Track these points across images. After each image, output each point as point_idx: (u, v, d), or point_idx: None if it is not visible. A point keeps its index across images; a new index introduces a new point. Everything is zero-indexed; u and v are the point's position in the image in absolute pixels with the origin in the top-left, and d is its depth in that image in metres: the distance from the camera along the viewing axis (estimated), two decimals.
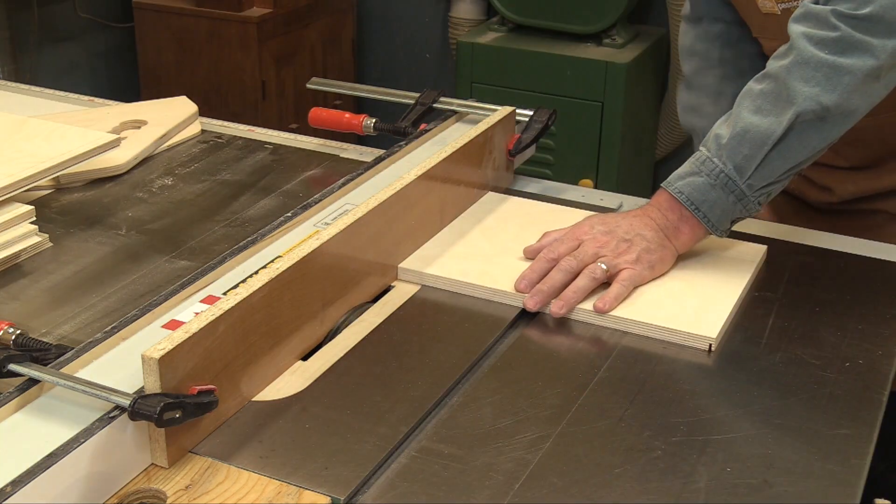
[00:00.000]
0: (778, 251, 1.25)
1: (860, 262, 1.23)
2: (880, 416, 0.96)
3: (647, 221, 1.17)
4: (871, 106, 1.13)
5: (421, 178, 1.19)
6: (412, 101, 1.53)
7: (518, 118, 1.43)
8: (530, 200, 1.36)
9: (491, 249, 1.22)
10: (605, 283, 1.13)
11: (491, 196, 1.36)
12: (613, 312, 1.10)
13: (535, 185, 1.44)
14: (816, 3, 1.12)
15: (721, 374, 1.03)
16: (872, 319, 1.11)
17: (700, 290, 1.14)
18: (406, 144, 1.39)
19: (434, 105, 1.51)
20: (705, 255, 1.20)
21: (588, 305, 1.11)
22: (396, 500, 0.85)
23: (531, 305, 1.11)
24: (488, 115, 1.40)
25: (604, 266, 1.13)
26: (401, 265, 1.17)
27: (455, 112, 1.50)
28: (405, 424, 0.93)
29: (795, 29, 1.13)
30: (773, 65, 1.14)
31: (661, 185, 1.18)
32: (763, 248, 1.22)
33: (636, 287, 1.13)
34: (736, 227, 1.19)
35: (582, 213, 1.26)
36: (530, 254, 1.18)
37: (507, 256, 1.20)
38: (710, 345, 1.05)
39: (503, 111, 1.40)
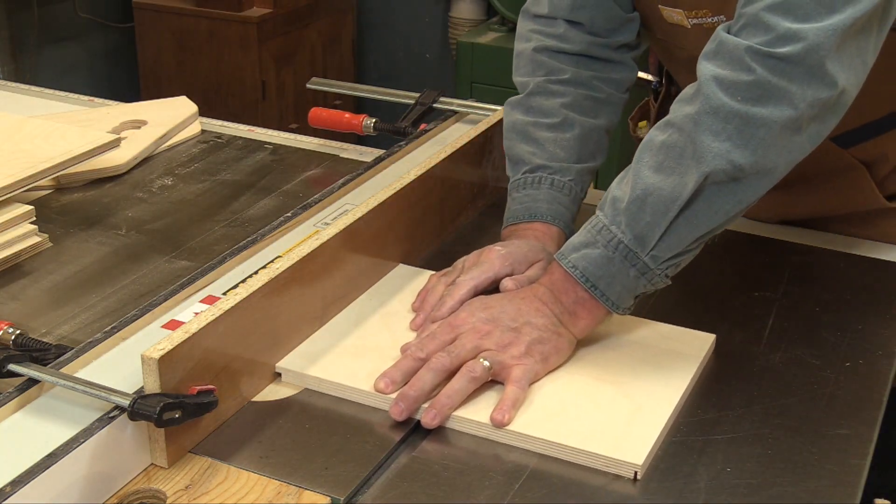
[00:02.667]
0: (778, 251, 1.25)
1: (860, 262, 1.23)
2: (880, 416, 0.96)
3: (537, 305, 1.00)
4: (794, 163, 0.96)
5: (421, 178, 1.19)
6: (412, 101, 1.53)
7: None
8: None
9: (389, 342, 1.02)
10: (493, 382, 0.96)
11: (402, 270, 1.17)
12: (520, 429, 0.91)
13: None
14: (730, 32, 0.96)
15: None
16: (872, 319, 1.11)
17: (631, 395, 0.95)
18: (406, 144, 1.39)
19: (434, 105, 1.51)
20: (640, 348, 1.03)
21: (485, 417, 0.92)
22: (396, 500, 0.85)
23: (395, 413, 0.92)
24: (488, 115, 1.40)
25: (486, 363, 0.94)
26: (279, 364, 0.99)
27: (455, 112, 1.50)
28: (405, 424, 0.93)
29: (706, 69, 0.95)
30: (678, 111, 0.97)
31: (555, 256, 1.02)
32: (711, 337, 1.04)
33: (532, 384, 0.96)
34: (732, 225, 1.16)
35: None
36: (403, 350, 1.00)
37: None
38: (636, 472, 0.87)
39: (503, 111, 1.40)
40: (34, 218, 1.25)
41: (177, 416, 0.83)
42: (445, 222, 1.27)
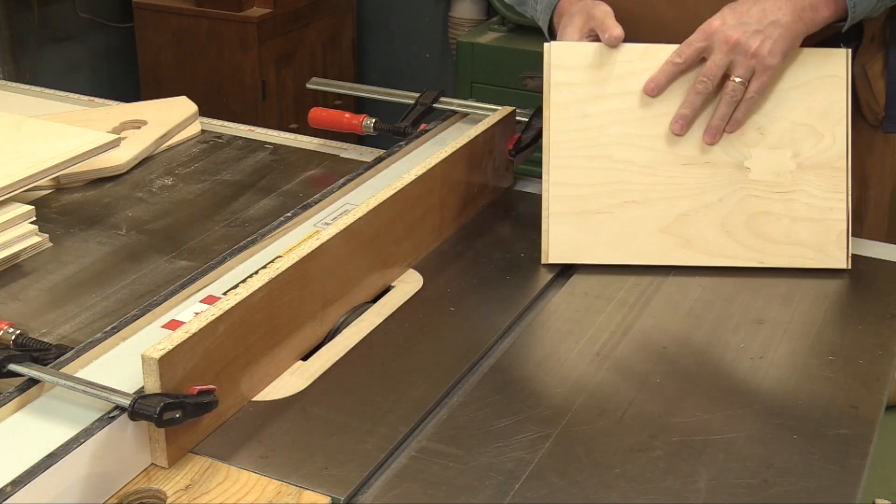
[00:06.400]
0: None
1: (860, 262, 1.23)
2: (880, 416, 0.96)
3: (780, 4, 1.14)
4: None
5: (421, 178, 1.19)
6: (412, 101, 1.53)
7: (518, 118, 1.43)
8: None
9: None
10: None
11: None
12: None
13: (535, 185, 1.44)
14: None
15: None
16: (872, 319, 1.11)
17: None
18: (406, 144, 1.39)
19: (434, 105, 1.51)
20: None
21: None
22: (396, 500, 0.85)
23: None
24: (488, 115, 1.40)
25: (738, 80, 1.14)
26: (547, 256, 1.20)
27: (455, 112, 1.50)
28: (405, 424, 0.93)
29: None
30: None
31: None
32: (843, 51, 1.20)
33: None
34: None
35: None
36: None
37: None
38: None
39: (503, 111, 1.40)
40: (34, 218, 1.25)
41: (177, 416, 0.83)
42: (445, 222, 1.27)
